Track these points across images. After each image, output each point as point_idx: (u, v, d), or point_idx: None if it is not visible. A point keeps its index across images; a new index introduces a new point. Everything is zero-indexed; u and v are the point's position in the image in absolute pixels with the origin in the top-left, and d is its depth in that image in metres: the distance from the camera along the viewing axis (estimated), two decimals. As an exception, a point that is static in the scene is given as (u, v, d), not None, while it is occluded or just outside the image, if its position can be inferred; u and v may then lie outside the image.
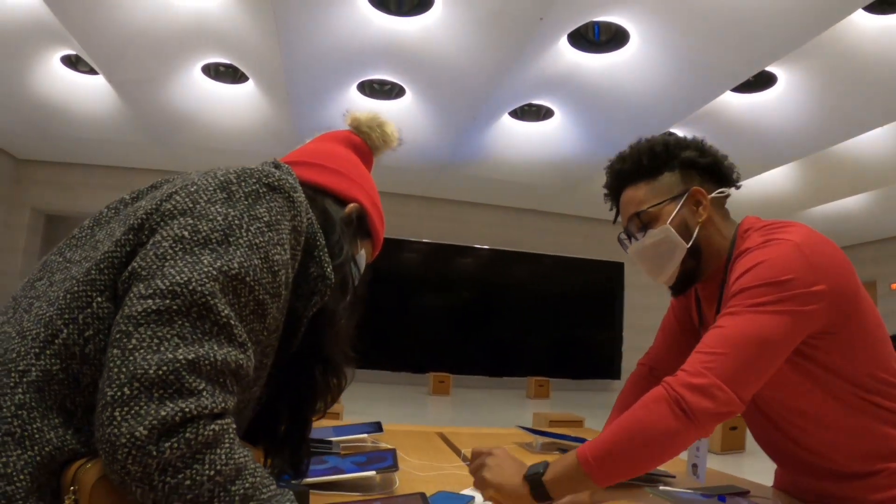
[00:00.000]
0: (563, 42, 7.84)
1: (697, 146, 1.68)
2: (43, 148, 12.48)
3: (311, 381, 1.20)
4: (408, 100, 9.46)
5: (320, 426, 2.26)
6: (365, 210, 1.28)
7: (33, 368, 0.88)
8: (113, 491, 0.84)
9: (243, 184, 1.02)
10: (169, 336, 0.85)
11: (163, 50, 8.49)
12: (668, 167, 1.65)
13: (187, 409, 0.82)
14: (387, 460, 1.65)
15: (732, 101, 8.91)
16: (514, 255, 14.01)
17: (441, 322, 13.69)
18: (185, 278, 0.88)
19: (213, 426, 0.85)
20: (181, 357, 0.84)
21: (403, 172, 11.94)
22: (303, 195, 1.09)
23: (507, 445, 2.03)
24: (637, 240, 1.68)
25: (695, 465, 1.68)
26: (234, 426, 0.90)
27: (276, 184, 1.04)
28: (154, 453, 0.80)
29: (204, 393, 0.85)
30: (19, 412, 0.85)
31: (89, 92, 10.25)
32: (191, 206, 0.97)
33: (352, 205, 1.25)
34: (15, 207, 13.25)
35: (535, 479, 1.37)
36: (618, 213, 1.78)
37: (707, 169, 1.66)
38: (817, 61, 7.71)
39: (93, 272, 0.94)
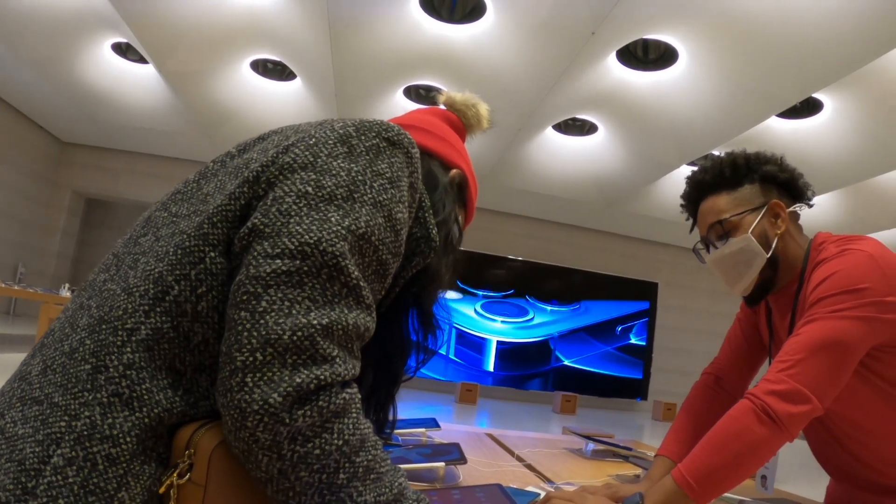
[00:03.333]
0: (612, 58, 7.85)
1: (777, 161, 1.72)
2: (87, 132, 12.67)
3: (404, 338, 1.18)
4: (452, 106, 9.32)
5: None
6: (466, 178, 1.27)
7: (143, 326, 0.85)
8: (233, 457, 0.82)
9: (363, 137, 0.98)
10: (300, 298, 0.83)
11: (214, 43, 8.60)
12: (749, 180, 1.69)
13: (322, 377, 0.81)
14: (453, 453, 1.67)
15: (777, 126, 8.87)
16: (547, 268, 13.93)
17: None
18: (315, 238, 0.86)
19: (343, 394, 0.84)
20: (315, 322, 0.82)
21: (443, 179, 11.84)
22: (419, 152, 1.07)
23: (605, 477, 2.04)
24: (716, 248, 1.71)
25: (764, 477, 1.70)
26: (360, 396, 0.89)
27: (395, 138, 1.01)
28: (287, 420, 0.79)
29: (337, 359, 0.84)
30: (128, 372, 0.83)
31: (137, 80, 10.40)
32: (311, 159, 0.93)
33: (455, 170, 1.24)
34: (57, 189, 13.49)
35: None
36: (694, 224, 1.81)
37: (785, 184, 1.70)
38: (863, 90, 7.65)
39: (205, 226, 0.90)
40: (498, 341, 13.37)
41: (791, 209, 1.70)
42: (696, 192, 1.78)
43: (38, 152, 12.84)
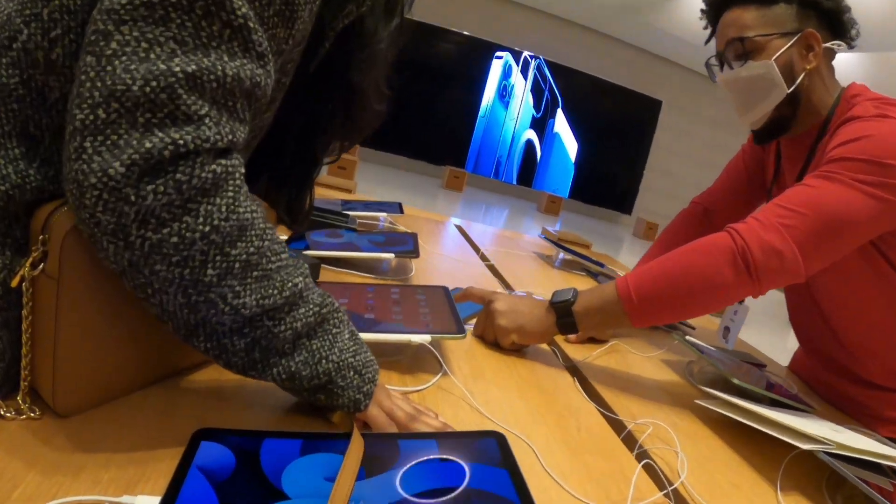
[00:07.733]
0: None
1: None
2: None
3: (330, 112, 0.95)
4: None
5: (331, 198, 2.14)
6: None
7: None
8: (91, 243, 0.65)
9: None
10: (162, 39, 0.61)
11: None
12: None
13: (181, 141, 0.61)
14: (407, 244, 1.54)
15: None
16: (551, 65, 13.49)
17: (465, 118, 13.31)
18: None
19: (214, 166, 0.64)
20: (178, 69, 0.61)
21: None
22: None
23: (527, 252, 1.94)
24: (731, 69, 1.49)
25: (727, 329, 1.57)
26: (243, 169, 0.69)
27: None
28: (132, 198, 0.60)
29: (206, 119, 0.63)
30: None
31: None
32: None
33: None
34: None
35: (563, 308, 1.22)
36: (712, 34, 1.57)
37: (827, 14, 1.44)
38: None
39: None
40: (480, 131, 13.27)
41: (828, 45, 1.44)
42: None
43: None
